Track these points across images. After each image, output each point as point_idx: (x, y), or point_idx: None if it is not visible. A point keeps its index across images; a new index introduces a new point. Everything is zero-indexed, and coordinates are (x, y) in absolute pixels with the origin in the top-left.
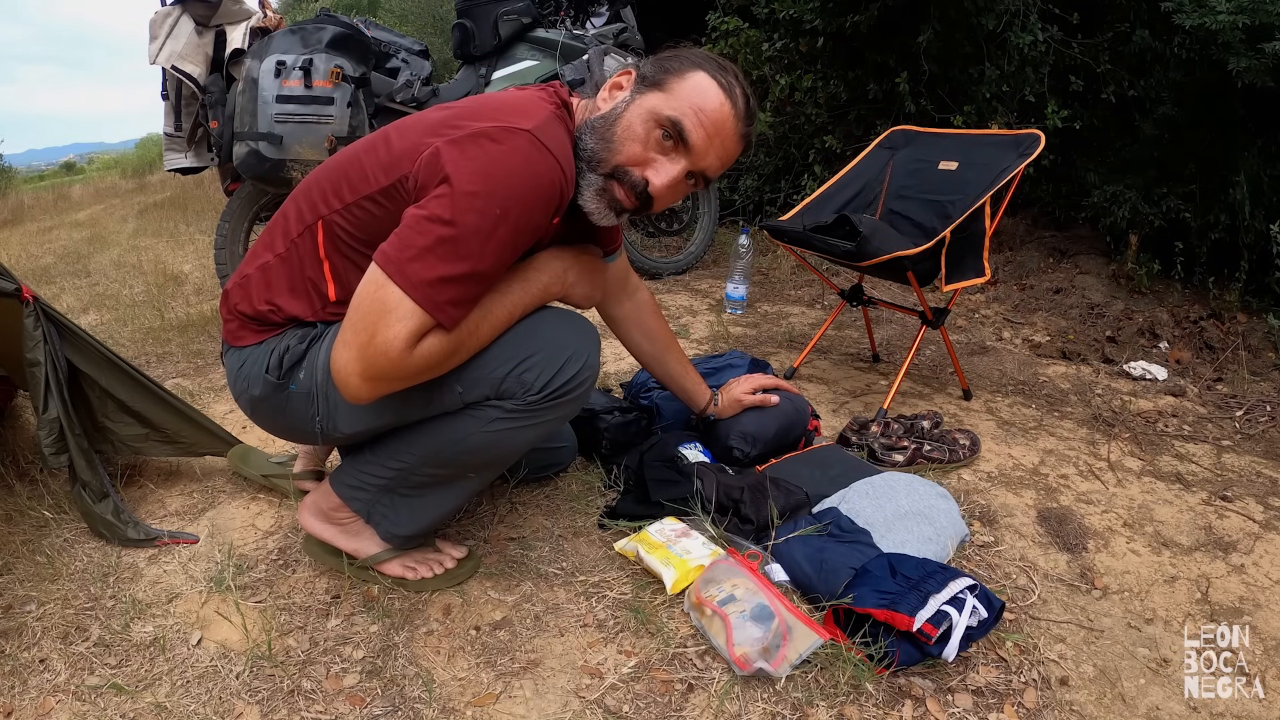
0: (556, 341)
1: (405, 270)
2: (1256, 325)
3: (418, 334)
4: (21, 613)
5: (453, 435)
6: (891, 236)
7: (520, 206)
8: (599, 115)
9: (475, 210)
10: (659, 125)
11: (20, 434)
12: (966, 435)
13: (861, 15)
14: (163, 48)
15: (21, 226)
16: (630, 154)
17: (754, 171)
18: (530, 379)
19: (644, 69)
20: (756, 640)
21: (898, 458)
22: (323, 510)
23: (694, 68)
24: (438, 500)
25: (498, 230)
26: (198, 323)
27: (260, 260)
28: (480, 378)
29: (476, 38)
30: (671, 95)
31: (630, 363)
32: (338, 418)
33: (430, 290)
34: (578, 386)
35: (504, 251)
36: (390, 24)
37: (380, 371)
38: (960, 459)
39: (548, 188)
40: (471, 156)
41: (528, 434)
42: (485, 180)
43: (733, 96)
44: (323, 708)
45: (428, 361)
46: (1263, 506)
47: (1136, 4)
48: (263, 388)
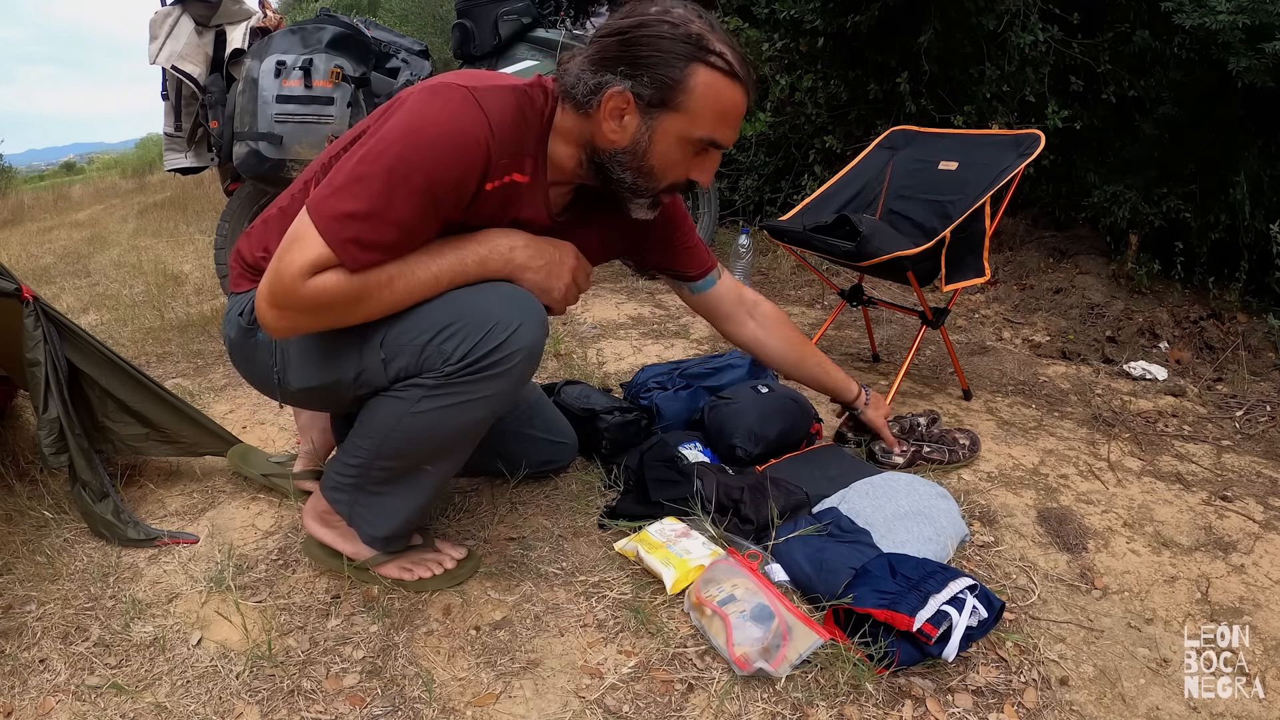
0: (483, 310)
1: (318, 203)
2: (1256, 325)
3: (315, 265)
4: (21, 613)
5: (389, 420)
6: (891, 236)
7: (436, 158)
8: (621, 149)
9: (391, 154)
10: (694, 147)
11: (20, 434)
12: (966, 435)
13: (862, 15)
14: (163, 48)
15: (21, 226)
16: (676, 176)
17: (754, 171)
18: (450, 348)
19: (643, 90)
20: (756, 640)
21: (897, 459)
22: (319, 513)
23: (693, 65)
24: (404, 497)
25: (411, 177)
26: (198, 323)
27: (265, 213)
28: (403, 344)
29: (476, 38)
30: (692, 116)
31: (630, 362)
32: (289, 370)
33: (334, 225)
34: (504, 360)
35: (415, 199)
36: (390, 24)
37: (278, 297)
38: (960, 459)
39: (470, 142)
40: (406, 107)
41: (461, 415)
42: (407, 126)
43: (740, 80)
44: (323, 708)
45: (322, 296)
46: (1263, 506)
47: (1136, 4)
48: (236, 331)
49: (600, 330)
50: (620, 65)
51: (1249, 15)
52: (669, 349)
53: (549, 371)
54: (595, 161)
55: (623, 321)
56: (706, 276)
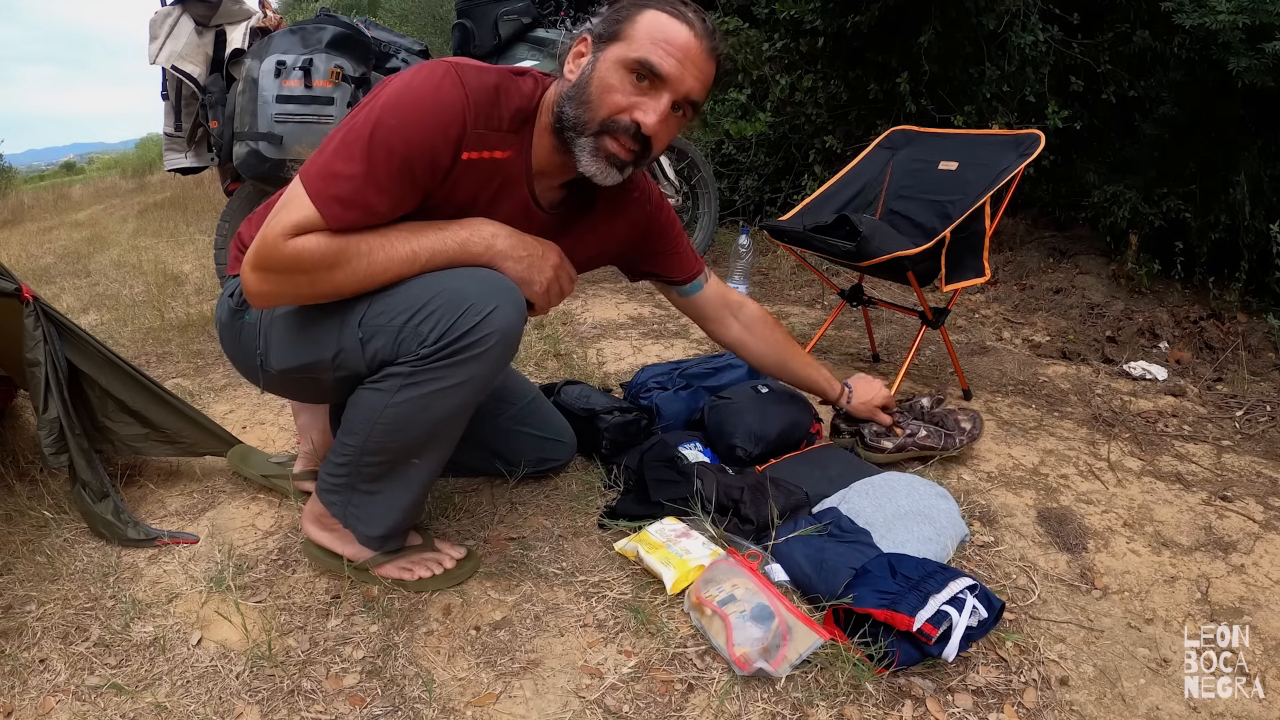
0: (459, 291)
1: (308, 166)
2: (1256, 325)
3: (300, 226)
4: (21, 613)
5: (371, 413)
6: (891, 236)
7: (412, 121)
8: (570, 85)
9: (373, 119)
10: (629, 70)
11: (20, 434)
12: (970, 416)
13: (862, 15)
14: (163, 48)
15: (21, 226)
16: (612, 105)
17: (754, 171)
18: (425, 329)
19: (596, 29)
20: (756, 640)
21: (886, 444)
22: (316, 516)
23: (641, 8)
24: (395, 494)
25: (389, 139)
26: (198, 323)
27: (270, 201)
28: (380, 325)
29: (476, 38)
30: (630, 41)
31: (630, 362)
32: (270, 353)
33: (319, 182)
34: (479, 342)
35: (394, 162)
36: (390, 24)
37: (261, 259)
38: (956, 446)
39: (445, 109)
40: (394, 80)
41: (441, 402)
42: (390, 95)
43: (687, 20)
44: (323, 708)
45: (301, 256)
46: (1263, 506)
47: (1136, 4)
48: (226, 312)
49: (600, 330)
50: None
51: (1249, 15)
52: (669, 349)
53: (549, 371)
54: (555, 123)
55: (623, 321)
56: (694, 280)
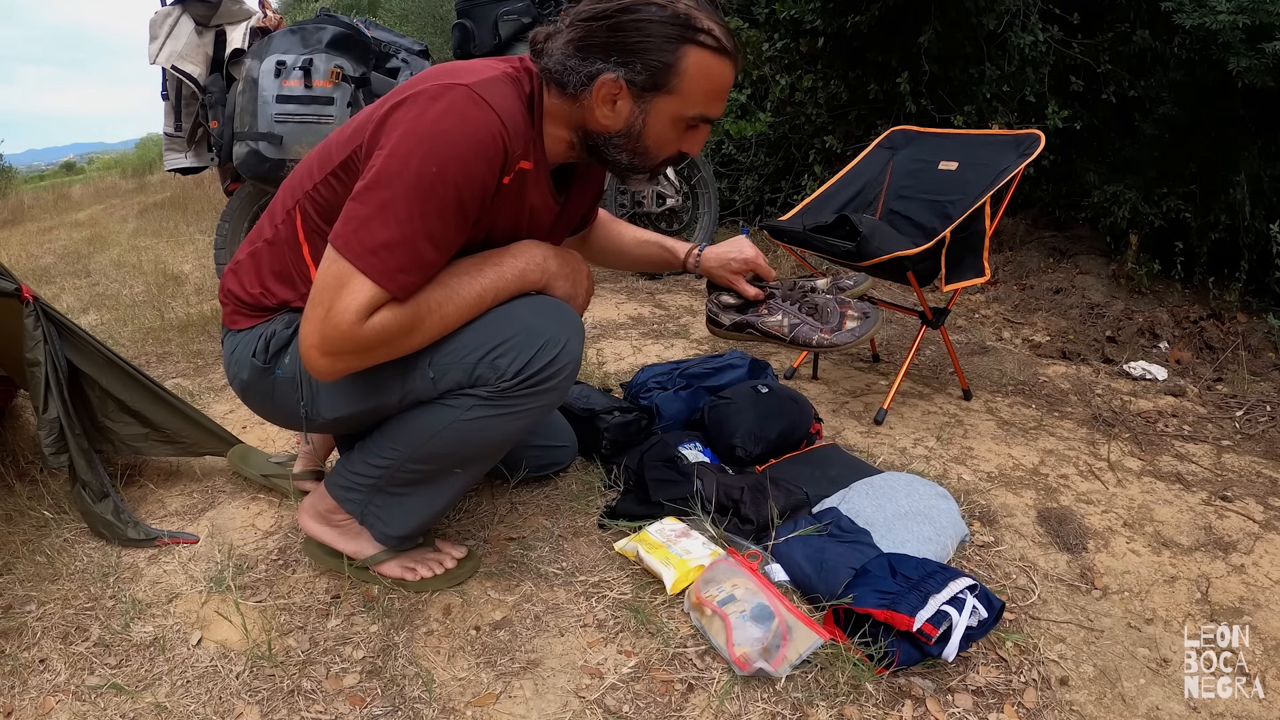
0: (533, 327)
1: (350, 242)
2: (1256, 325)
3: (370, 306)
4: (21, 613)
5: (433, 426)
6: (891, 236)
7: (457, 162)
8: (616, 133)
9: (411, 171)
10: (688, 124)
11: (20, 434)
12: (860, 315)
13: (862, 15)
14: (163, 48)
15: (21, 226)
16: (669, 151)
17: (754, 171)
18: (504, 364)
19: (632, 76)
20: (756, 640)
21: (724, 319)
22: (320, 513)
23: (678, 45)
24: (427, 498)
25: (436, 189)
26: (198, 323)
27: (252, 246)
28: (452, 363)
29: (476, 37)
30: (683, 95)
31: (630, 362)
32: (319, 402)
33: (375, 259)
34: (555, 375)
35: (447, 211)
36: (390, 24)
37: (336, 345)
38: (815, 344)
39: (486, 141)
40: (408, 117)
41: (508, 425)
42: (419, 139)
43: (729, 53)
44: (323, 708)
45: (382, 334)
46: (1263, 506)
47: (1136, 4)
48: (250, 372)
49: (600, 330)
50: (611, 53)
51: (1249, 15)
52: (669, 349)
53: None
54: (589, 144)
55: (623, 321)
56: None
